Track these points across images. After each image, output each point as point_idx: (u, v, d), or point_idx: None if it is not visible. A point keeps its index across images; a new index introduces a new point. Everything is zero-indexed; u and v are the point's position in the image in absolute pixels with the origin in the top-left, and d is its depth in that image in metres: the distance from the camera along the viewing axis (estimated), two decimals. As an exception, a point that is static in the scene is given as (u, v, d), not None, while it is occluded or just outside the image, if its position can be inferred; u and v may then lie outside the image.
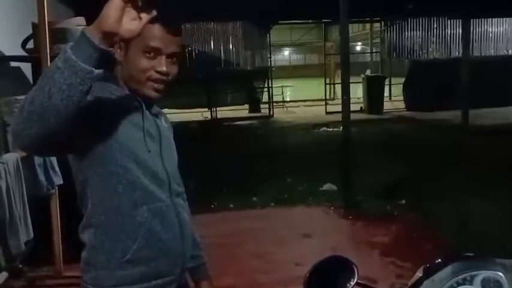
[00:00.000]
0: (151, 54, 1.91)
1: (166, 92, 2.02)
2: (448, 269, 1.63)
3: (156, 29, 1.88)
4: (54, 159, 5.06)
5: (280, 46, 49.02)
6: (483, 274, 1.56)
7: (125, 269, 1.94)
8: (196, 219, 2.43)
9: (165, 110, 2.43)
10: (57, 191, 5.15)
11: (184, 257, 2.11)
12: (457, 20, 18.33)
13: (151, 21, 1.70)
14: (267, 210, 7.78)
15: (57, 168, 5.08)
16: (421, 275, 1.69)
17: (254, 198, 8.11)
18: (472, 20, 17.31)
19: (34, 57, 5.33)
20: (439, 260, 1.75)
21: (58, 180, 5.08)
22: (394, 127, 15.47)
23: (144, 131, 1.98)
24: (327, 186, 8.45)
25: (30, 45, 5.58)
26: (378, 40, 24.60)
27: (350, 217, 7.17)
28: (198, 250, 2.35)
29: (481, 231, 6.04)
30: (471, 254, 1.81)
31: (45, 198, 5.13)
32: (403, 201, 7.55)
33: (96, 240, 1.96)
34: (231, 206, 7.83)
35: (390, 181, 8.31)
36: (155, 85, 1.95)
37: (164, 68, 1.92)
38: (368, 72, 21.61)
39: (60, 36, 5.52)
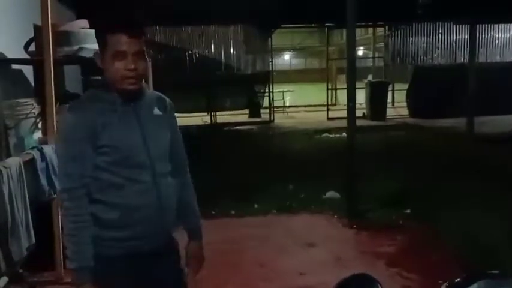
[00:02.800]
0: (120, 56, 2.43)
1: (140, 83, 2.58)
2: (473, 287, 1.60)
3: (119, 36, 2.42)
4: (56, 164, 4.99)
5: (281, 50, 48.99)
6: None
7: (104, 230, 2.52)
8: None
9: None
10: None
11: (163, 224, 2.65)
12: (463, 26, 18.26)
13: (114, 30, 2.42)
14: (269, 217, 7.70)
15: (59, 173, 5.01)
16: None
17: (255, 205, 8.03)
18: (478, 25, 17.20)
19: (36, 60, 5.28)
20: (464, 277, 1.70)
21: (60, 185, 5.01)
22: (397, 134, 15.38)
23: (127, 129, 2.53)
24: (330, 194, 8.37)
25: (32, 47, 5.53)
26: (381, 45, 24.50)
27: (354, 226, 7.09)
28: (194, 217, 2.94)
29: (488, 241, 5.98)
30: (496, 272, 1.76)
31: (47, 203, 5.07)
32: (408, 211, 7.48)
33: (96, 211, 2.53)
34: (232, 212, 7.77)
35: (394, 189, 8.22)
36: (130, 80, 2.48)
37: (132, 66, 2.45)
38: (370, 77, 21.54)
39: (63, 38, 5.48)
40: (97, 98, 2.55)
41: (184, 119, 16.67)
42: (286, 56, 58.10)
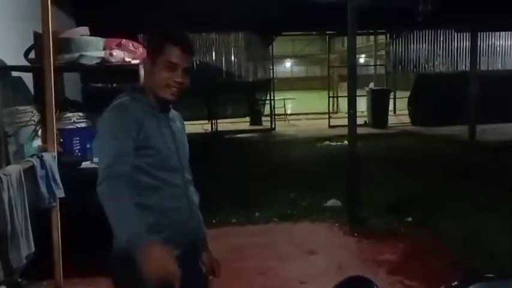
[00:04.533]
0: (171, 68, 2.63)
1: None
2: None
3: (176, 49, 2.62)
4: (56, 172, 4.98)
5: (282, 58, 49.04)
6: None
7: (151, 235, 2.47)
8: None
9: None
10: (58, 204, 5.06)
11: (191, 228, 2.81)
12: (464, 33, 18.29)
13: (173, 43, 2.62)
14: (270, 225, 7.65)
15: (59, 181, 5.00)
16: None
17: (257, 214, 7.99)
18: (479, 33, 17.18)
19: (37, 67, 5.26)
20: (460, 280, 1.70)
21: (60, 193, 5.00)
22: (399, 142, 15.32)
23: (164, 134, 2.70)
24: (331, 202, 8.33)
25: (32, 55, 5.52)
26: (383, 52, 24.53)
27: (355, 234, 7.04)
28: (201, 226, 3.01)
29: (490, 248, 5.98)
30: (491, 275, 1.76)
31: (46, 211, 5.04)
32: (410, 218, 7.45)
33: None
34: (233, 221, 7.73)
35: (396, 197, 8.23)
36: (172, 91, 2.67)
37: (180, 79, 2.66)
38: (371, 85, 21.55)
39: (63, 46, 5.46)
40: (138, 99, 2.70)
41: (185, 127, 16.66)
42: (288, 64, 58.18)
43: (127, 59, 5.62)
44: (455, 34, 18.86)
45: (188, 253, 2.78)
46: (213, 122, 18.68)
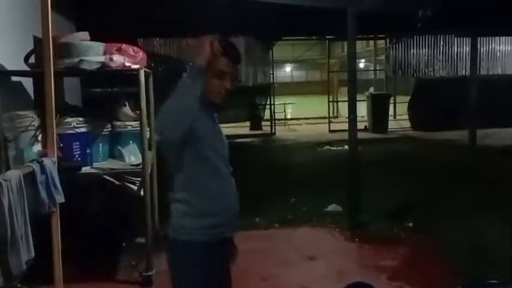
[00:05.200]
0: (222, 75, 3.01)
1: None
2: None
3: (226, 60, 2.99)
4: (56, 177, 4.96)
5: (282, 62, 49.07)
6: None
7: (203, 218, 2.94)
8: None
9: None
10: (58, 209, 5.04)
11: (237, 214, 3.13)
12: (464, 38, 18.29)
13: (225, 54, 2.96)
14: (271, 231, 7.64)
15: (59, 186, 4.97)
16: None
17: (257, 219, 7.96)
18: (479, 38, 17.18)
19: (37, 72, 5.25)
20: (461, 286, 1.70)
21: (60, 198, 4.97)
22: (399, 146, 15.31)
23: (214, 128, 3.07)
24: (332, 207, 8.31)
25: (32, 59, 5.50)
26: (383, 57, 24.52)
27: (356, 239, 7.03)
28: None
29: (492, 253, 5.94)
30: (493, 281, 1.76)
31: (46, 216, 5.01)
32: (411, 224, 7.43)
33: (187, 198, 2.97)
34: (234, 225, 7.70)
35: (396, 202, 8.22)
36: (220, 96, 3.06)
37: (229, 86, 3.04)
38: (371, 89, 21.54)
39: (63, 50, 5.45)
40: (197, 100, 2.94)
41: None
42: (288, 68, 58.24)
43: (127, 64, 5.61)
44: (455, 39, 18.85)
45: (231, 235, 3.16)
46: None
